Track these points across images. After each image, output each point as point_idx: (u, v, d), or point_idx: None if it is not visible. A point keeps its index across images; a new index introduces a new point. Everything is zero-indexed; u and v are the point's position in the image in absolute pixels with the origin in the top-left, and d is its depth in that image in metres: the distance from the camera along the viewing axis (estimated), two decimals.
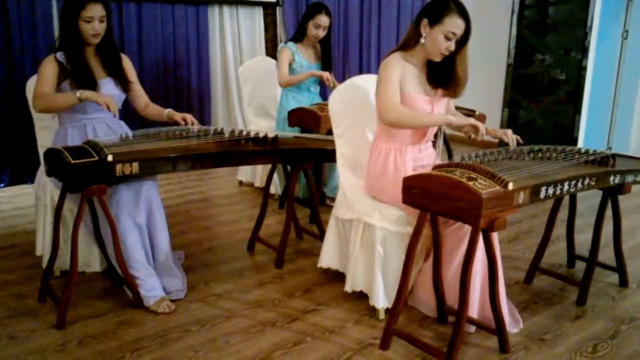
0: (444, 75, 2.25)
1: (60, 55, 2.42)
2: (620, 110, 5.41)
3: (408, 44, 2.25)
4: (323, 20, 3.65)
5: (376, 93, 2.22)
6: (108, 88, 2.52)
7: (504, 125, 5.81)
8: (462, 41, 2.19)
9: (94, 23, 2.37)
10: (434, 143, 2.47)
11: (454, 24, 2.12)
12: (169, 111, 2.61)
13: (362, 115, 2.58)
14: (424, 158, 2.34)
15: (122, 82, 2.58)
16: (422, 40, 2.19)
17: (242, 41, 5.19)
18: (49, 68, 2.40)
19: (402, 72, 2.22)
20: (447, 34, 2.13)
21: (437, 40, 2.15)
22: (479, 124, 2.15)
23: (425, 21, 2.17)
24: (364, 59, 5.81)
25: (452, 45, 2.16)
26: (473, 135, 2.17)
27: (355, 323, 2.33)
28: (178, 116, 2.57)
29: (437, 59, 2.21)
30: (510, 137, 2.29)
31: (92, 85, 2.42)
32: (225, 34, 5.07)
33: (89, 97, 2.32)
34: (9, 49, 4.02)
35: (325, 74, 3.63)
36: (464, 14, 2.13)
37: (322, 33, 3.70)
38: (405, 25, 5.93)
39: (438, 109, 2.31)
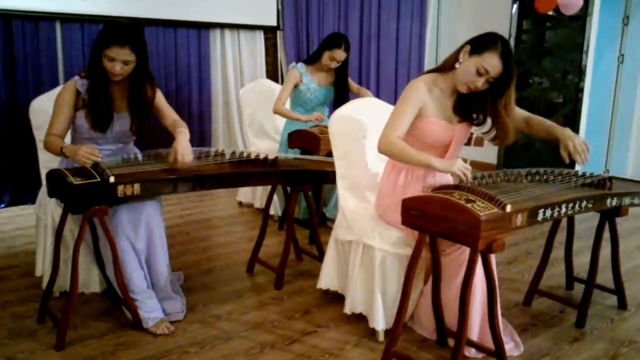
0: (471, 110, 2.22)
1: (81, 84, 2.36)
2: (618, 133, 5.46)
3: (445, 66, 2.21)
4: (340, 55, 3.66)
5: (390, 116, 2.20)
6: (122, 124, 2.45)
7: (502, 150, 5.82)
8: (502, 88, 2.10)
9: (115, 63, 2.30)
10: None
11: (490, 62, 2.05)
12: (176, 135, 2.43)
13: (361, 138, 2.60)
14: (437, 184, 2.25)
15: (137, 122, 2.48)
16: (457, 65, 2.15)
17: (243, 64, 5.25)
18: (66, 99, 2.36)
19: (424, 98, 2.18)
20: (480, 69, 2.07)
21: (470, 70, 2.09)
22: (462, 173, 2.02)
23: (467, 47, 2.13)
24: (363, 81, 5.87)
25: (480, 82, 2.10)
26: (460, 181, 2.06)
27: (355, 345, 2.32)
28: (172, 151, 2.33)
29: (462, 88, 2.16)
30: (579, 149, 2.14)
31: (107, 120, 2.39)
32: (226, 57, 5.14)
33: (69, 155, 2.25)
34: (12, 71, 4.08)
35: (315, 115, 3.67)
36: (506, 58, 2.05)
37: (334, 66, 3.71)
38: (404, 48, 6.02)
39: (458, 136, 2.25)
